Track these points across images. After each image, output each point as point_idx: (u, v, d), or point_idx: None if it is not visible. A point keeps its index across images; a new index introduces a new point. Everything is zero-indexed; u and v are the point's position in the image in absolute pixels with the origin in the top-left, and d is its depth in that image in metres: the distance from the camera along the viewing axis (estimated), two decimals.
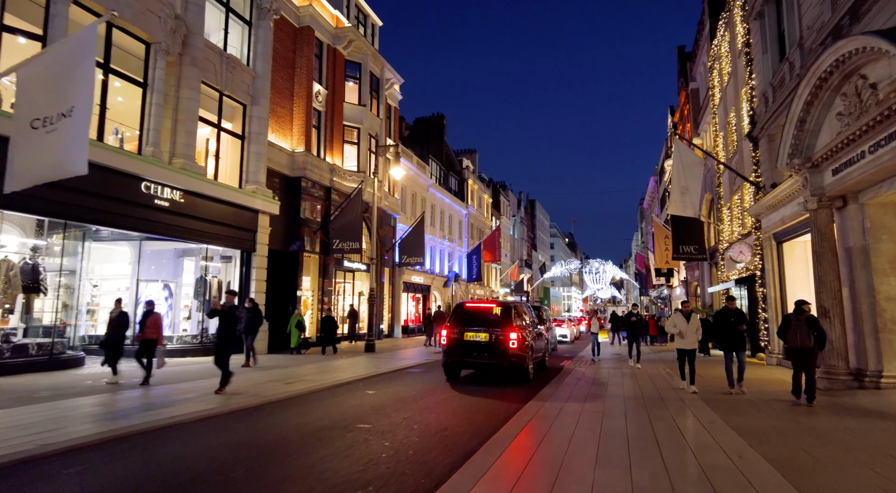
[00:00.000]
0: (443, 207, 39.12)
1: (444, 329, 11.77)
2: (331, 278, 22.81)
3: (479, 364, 11.54)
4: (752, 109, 16.38)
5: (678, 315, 10.49)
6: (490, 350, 11.14)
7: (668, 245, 32.38)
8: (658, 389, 10.50)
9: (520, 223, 78.12)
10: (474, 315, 11.94)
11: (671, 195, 17.15)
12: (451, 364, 11.81)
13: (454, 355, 11.53)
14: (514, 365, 11.25)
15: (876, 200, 9.79)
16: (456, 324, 11.70)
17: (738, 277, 18.89)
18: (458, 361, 11.65)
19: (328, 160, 23.01)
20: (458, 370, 12.22)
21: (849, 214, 10.23)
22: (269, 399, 8.87)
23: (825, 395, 9.59)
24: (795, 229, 13.45)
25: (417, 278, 32.79)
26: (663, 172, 54.17)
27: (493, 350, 11.11)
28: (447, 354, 11.65)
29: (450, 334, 11.49)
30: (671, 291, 49.68)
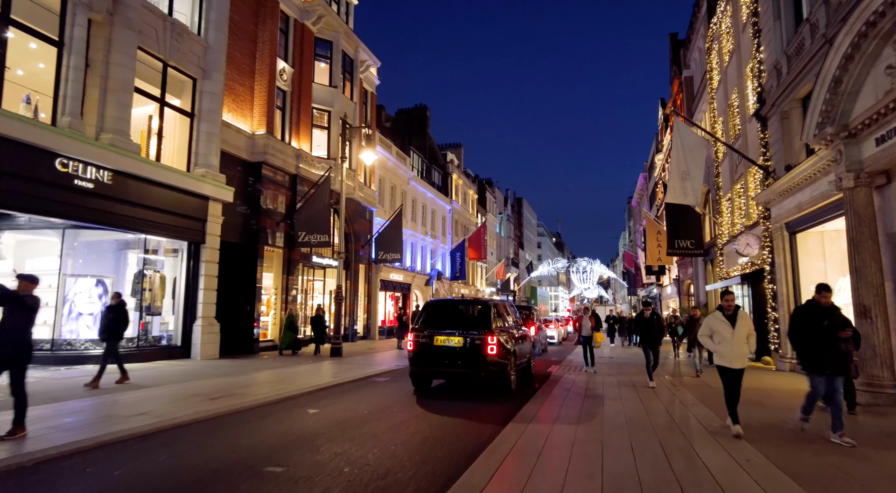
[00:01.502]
0: (425, 202, 37.22)
1: (410, 333, 10.05)
2: (296, 275, 20.78)
3: (452, 374, 9.81)
4: (760, 86, 14.71)
5: (716, 318, 6.75)
6: (465, 358, 9.40)
7: (660, 241, 30.82)
8: (665, 404, 8.72)
9: (507, 221, 76.46)
10: (447, 316, 10.20)
11: (669, 182, 15.44)
12: (418, 374, 10.01)
13: (422, 363, 9.77)
14: (493, 375, 9.56)
15: None
16: (425, 326, 9.94)
17: (742, 272, 17.23)
18: (426, 370, 9.88)
19: (294, 145, 20.99)
20: (428, 381, 10.37)
21: (893, 192, 8.53)
22: (170, 423, 6.89)
23: (870, 413, 7.86)
24: (815, 217, 11.76)
25: (396, 275, 30.85)
26: (653, 167, 52.81)
27: (469, 358, 9.38)
28: (414, 361, 9.88)
29: (417, 338, 9.75)
30: (661, 290, 48.27)
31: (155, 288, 15.03)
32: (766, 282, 14.68)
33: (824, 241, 13.08)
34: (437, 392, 10.31)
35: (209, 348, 15.53)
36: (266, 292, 20.01)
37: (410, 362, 9.93)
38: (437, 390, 10.63)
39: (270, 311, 20.06)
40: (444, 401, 9.33)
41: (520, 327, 12.00)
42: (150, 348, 14.52)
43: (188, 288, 15.51)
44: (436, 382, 11.25)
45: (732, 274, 19.05)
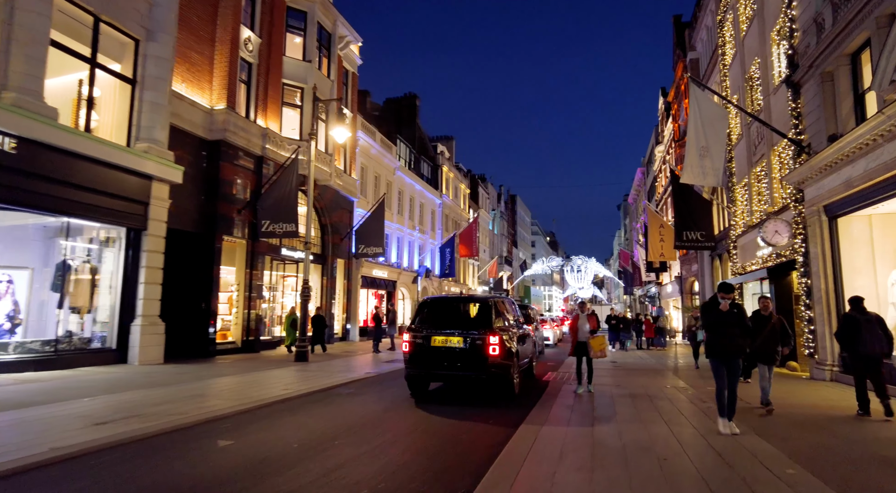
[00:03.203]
0: (412, 194, 35.03)
1: (406, 332, 9.44)
2: (262, 269, 18.55)
3: (452, 376, 9.11)
4: (792, 48, 12.65)
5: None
6: (465, 359, 8.77)
7: (663, 235, 28.85)
8: (688, 418, 6.63)
9: (500, 218, 74.41)
10: (445, 314, 9.57)
11: (686, 160, 13.37)
12: (415, 378, 9.28)
13: (419, 365, 9.05)
14: (495, 377, 8.87)
15: None
16: (422, 325, 9.30)
17: (765, 266, 15.18)
18: (424, 373, 9.13)
19: (260, 123, 18.76)
20: (426, 385, 9.66)
21: None
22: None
23: None
24: (870, 195, 9.71)
25: (380, 271, 28.65)
26: (652, 161, 50.89)
27: (469, 359, 8.75)
28: (410, 364, 9.17)
29: (413, 339, 9.13)
30: (661, 288, 46.35)
31: (83, 282, 12.79)
32: (799, 276, 12.62)
33: (872, 226, 11.05)
34: (423, 408, 8.16)
35: (150, 351, 13.30)
36: (227, 287, 17.81)
37: (406, 365, 9.23)
38: (421, 406, 8.49)
39: (232, 308, 17.84)
40: (424, 419, 7.19)
41: (521, 325, 11.16)
42: (75, 352, 12.27)
43: (126, 282, 13.28)
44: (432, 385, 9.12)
45: (750, 269, 17.02)
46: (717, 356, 6.51)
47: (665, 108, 39.01)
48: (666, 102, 38.67)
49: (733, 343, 6.37)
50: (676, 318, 36.47)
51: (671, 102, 35.79)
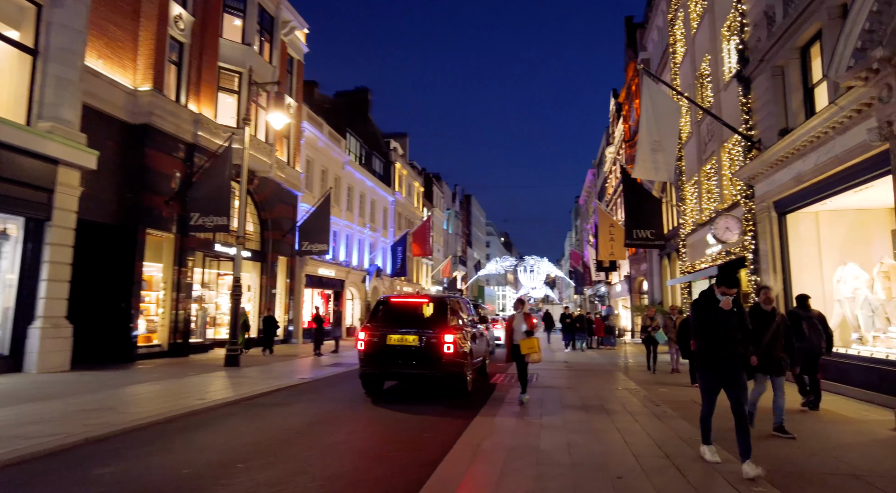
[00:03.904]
0: (363, 191, 33.86)
1: (362, 331, 9.49)
2: (191, 267, 17.10)
3: (407, 375, 9.30)
4: (743, 43, 12.50)
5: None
6: (420, 357, 8.92)
7: (613, 234, 28.87)
8: (643, 426, 6.06)
9: (454, 218, 73.99)
10: (400, 313, 9.72)
11: (638, 155, 13.04)
12: (370, 376, 9.43)
13: (374, 364, 9.17)
14: (449, 375, 9.07)
15: None
16: (377, 324, 9.40)
17: (714, 263, 15.08)
18: (379, 372, 9.27)
19: (192, 108, 17.30)
20: (380, 383, 9.83)
21: None
22: None
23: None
24: (822, 189, 9.51)
25: (327, 270, 27.39)
26: (603, 162, 51.58)
27: (424, 357, 8.90)
28: (365, 362, 9.27)
29: (369, 337, 9.22)
30: (610, 288, 46.99)
31: None
32: (749, 273, 12.47)
33: (819, 223, 10.95)
34: (357, 417, 7.26)
35: (53, 357, 11.79)
36: (156, 286, 16.30)
37: (361, 364, 9.33)
38: (339, 424, 7.58)
39: (158, 308, 16.33)
40: (364, 429, 6.30)
41: (475, 324, 11.35)
42: None
43: (24, 279, 11.71)
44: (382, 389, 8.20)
45: (700, 267, 16.98)
46: (710, 369, 4.98)
47: (616, 109, 39.45)
48: (617, 103, 39.10)
49: (734, 352, 4.86)
50: (625, 317, 36.88)
51: (622, 103, 36.15)
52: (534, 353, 8.32)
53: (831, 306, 10.63)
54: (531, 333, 8.50)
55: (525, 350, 8.34)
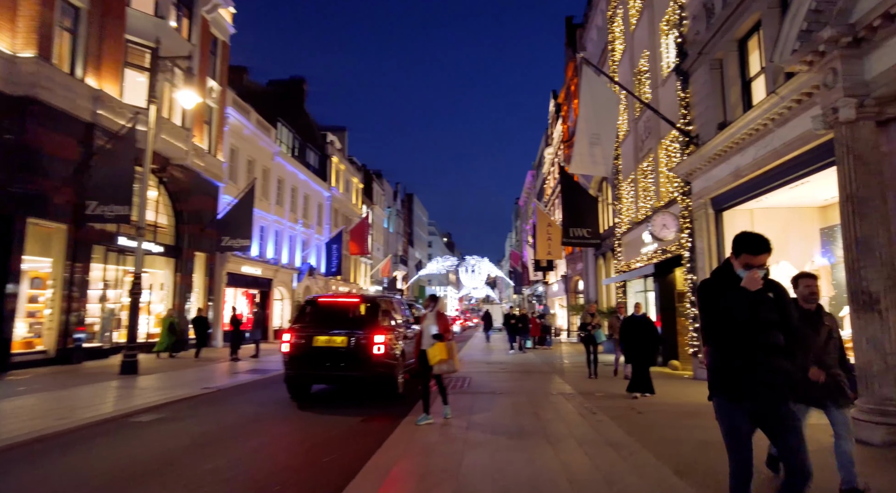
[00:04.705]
0: (295, 184, 32.08)
1: (287, 332, 9.04)
2: (87, 262, 15.14)
3: (335, 377, 9.02)
4: (682, 36, 12.26)
5: None
6: (349, 359, 8.58)
7: (550, 234, 28.79)
8: (577, 440, 5.35)
9: (396, 216, 72.75)
10: (329, 314, 9.40)
11: (576, 148, 12.56)
12: (296, 379, 9.06)
13: (301, 366, 8.83)
14: (379, 377, 8.82)
15: None
16: (304, 325, 9.04)
17: (651, 261, 14.88)
18: (305, 374, 8.98)
19: (91, 83, 15.32)
20: (307, 387, 9.51)
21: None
22: None
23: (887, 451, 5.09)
24: (760, 184, 9.26)
25: (252, 268, 25.56)
26: (542, 164, 51.98)
27: (353, 358, 8.57)
28: (291, 365, 8.85)
29: (295, 339, 8.82)
30: (547, 287, 47.36)
31: None
32: (685, 271, 12.23)
33: (754, 220, 10.79)
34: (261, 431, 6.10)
35: None
36: (40, 284, 14.25)
37: (286, 366, 8.91)
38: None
39: (45, 308, 14.29)
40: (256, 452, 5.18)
41: (410, 325, 11.06)
42: None
43: None
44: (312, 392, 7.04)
45: (635, 266, 16.82)
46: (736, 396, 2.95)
47: (556, 110, 39.67)
48: (557, 104, 39.31)
49: (773, 366, 2.91)
50: (562, 316, 37.10)
51: (561, 103, 36.33)
52: (443, 362, 6.76)
53: None
54: (442, 337, 6.94)
55: (433, 359, 6.79)
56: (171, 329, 17.00)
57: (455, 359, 6.99)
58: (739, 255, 3.01)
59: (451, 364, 6.88)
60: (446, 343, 6.86)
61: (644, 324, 9.30)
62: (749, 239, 3.00)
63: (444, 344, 6.83)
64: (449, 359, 6.82)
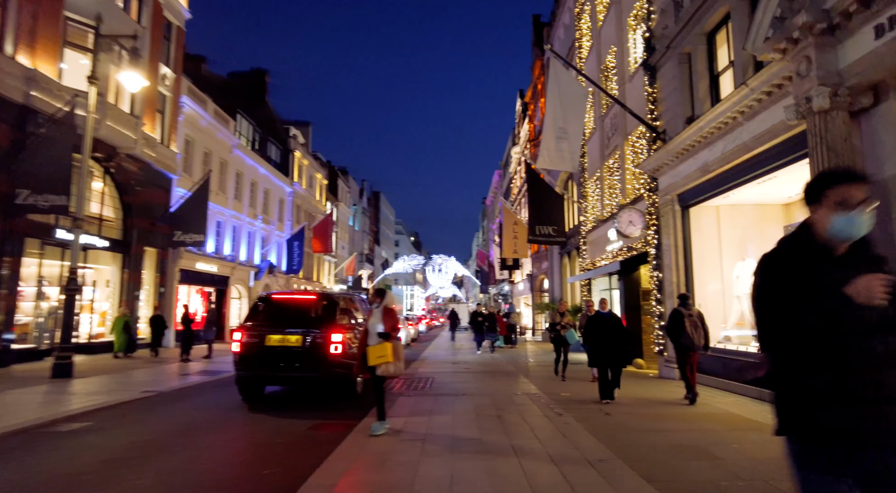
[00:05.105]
0: (255, 178, 30.95)
1: (238, 331, 8.63)
2: (18, 256, 13.98)
3: (290, 379, 8.71)
4: (650, 31, 12.10)
5: None
6: (304, 359, 8.20)
7: (517, 232, 28.66)
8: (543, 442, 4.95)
9: (361, 214, 71.66)
10: (284, 312, 8.96)
11: (543, 143, 12.28)
12: (247, 380, 8.61)
13: (252, 366, 8.40)
14: (337, 378, 8.44)
15: None
16: (257, 324, 8.62)
17: (616, 259, 14.73)
18: (258, 375, 8.54)
19: (23, 62, 14.16)
20: (260, 388, 8.99)
21: (883, 118, 5.72)
22: None
23: None
24: (724, 181, 9.11)
25: (207, 265, 24.43)
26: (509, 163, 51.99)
27: (309, 359, 8.19)
28: (242, 365, 8.43)
29: (246, 338, 8.43)
30: (513, 286, 47.37)
31: None
32: (651, 269, 12.08)
33: (720, 217, 10.69)
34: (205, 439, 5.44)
35: None
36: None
37: (237, 367, 8.47)
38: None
39: None
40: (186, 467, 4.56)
41: None
42: None
43: None
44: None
45: (600, 264, 16.69)
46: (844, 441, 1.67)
47: (522, 109, 39.63)
48: (524, 103, 39.27)
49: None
50: (527, 315, 37.08)
51: (528, 102, 36.27)
52: (387, 363, 6.02)
53: (730, 302, 10.41)
54: (388, 336, 6.14)
55: (374, 360, 6.04)
56: (126, 329, 16.19)
57: (402, 361, 6.37)
58: (824, 196, 1.82)
59: (397, 367, 6.18)
60: (392, 343, 6.13)
61: (611, 322, 8.60)
62: (837, 170, 1.98)
63: (389, 344, 6.09)
64: (397, 361, 6.15)
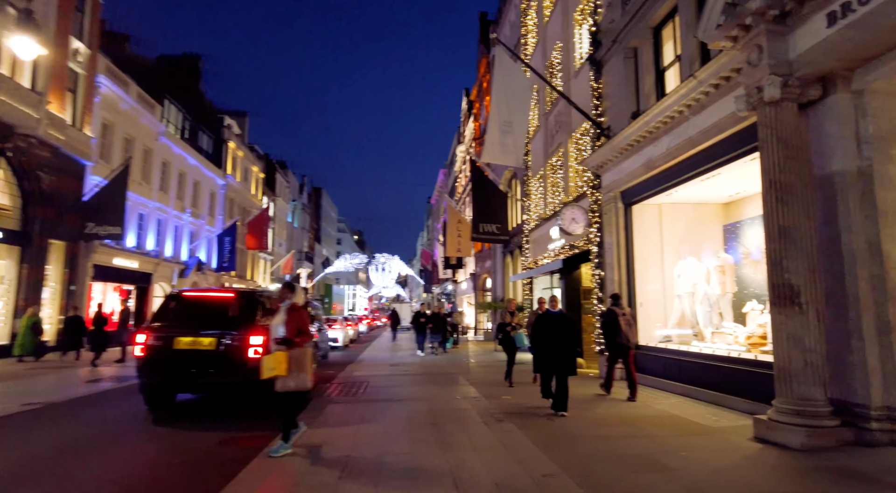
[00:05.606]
0: (184, 169, 28.93)
1: (142, 333, 7.65)
2: None
3: (203, 386, 7.92)
4: (596, 25, 11.91)
5: None
6: (220, 364, 7.37)
7: (461, 231, 28.27)
8: (480, 453, 4.42)
9: (301, 211, 69.38)
10: (197, 311, 8.07)
11: (487, 136, 11.83)
12: (154, 388, 7.78)
13: (161, 371, 7.53)
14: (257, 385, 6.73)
15: (894, 81, 5.21)
16: (166, 325, 7.78)
17: (558, 257, 14.52)
18: (165, 382, 7.66)
19: None
20: (169, 396, 8.13)
21: (831, 111, 5.57)
22: None
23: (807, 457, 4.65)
24: (672, 177, 8.94)
25: (127, 260, 22.48)
26: (454, 162, 51.73)
27: (225, 363, 7.36)
28: (146, 371, 7.55)
29: (153, 341, 7.55)
30: (457, 286, 47.13)
31: None
32: (593, 267, 11.88)
33: (662, 215, 10.60)
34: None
35: None
36: None
37: (140, 373, 7.61)
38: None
39: None
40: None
41: None
42: None
43: None
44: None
45: (542, 262, 16.49)
46: None
47: (468, 107, 39.40)
48: (469, 101, 39.05)
49: None
50: (469, 314, 36.87)
51: (473, 100, 36.05)
52: (278, 370, 5.08)
53: (671, 301, 10.34)
54: (290, 342, 5.21)
55: (267, 370, 5.14)
56: (35, 330, 14.79)
57: (308, 372, 5.27)
58: None
59: (298, 381, 5.15)
60: (289, 352, 5.15)
61: (561, 323, 7.58)
62: None
63: (283, 353, 5.13)
64: (299, 373, 5.14)
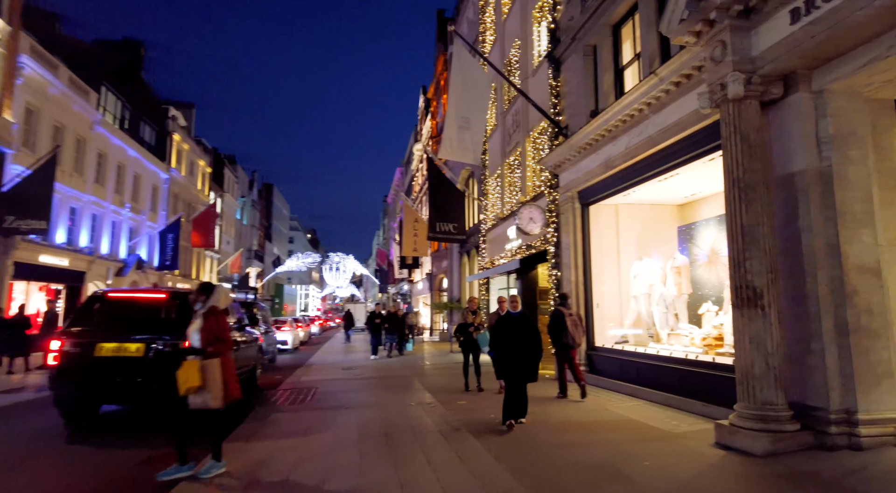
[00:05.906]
0: (123, 161, 27.18)
1: (56, 340, 6.76)
2: None
3: (129, 395, 6.96)
4: (555, 22, 11.77)
5: None
6: (149, 371, 6.57)
7: (417, 230, 27.86)
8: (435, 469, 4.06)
9: (251, 207, 67.06)
10: (124, 313, 7.32)
11: (445, 133, 11.52)
12: (71, 399, 6.99)
13: (79, 382, 6.71)
14: None
15: (853, 81, 5.17)
16: (86, 330, 6.96)
17: (515, 257, 14.35)
18: (84, 393, 6.85)
19: None
20: (90, 409, 7.39)
21: (792, 110, 5.50)
22: None
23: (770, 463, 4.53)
24: (630, 176, 8.84)
25: (55, 258, 20.83)
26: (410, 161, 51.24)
27: (155, 371, 6.51)
28: (61, 382, 6.74)
29: (70, 348, 6.72)
30: (412, 286, 46.66)
31: None
32: (550, 267, 11.74)
33: (619, 216, 10.55)
34: None
35: None
36: None
37: (54, 384, 6.80)
38: None
39: None
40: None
41: (243, 328, 9.69)
42: None
43: None
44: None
45: (499, 262, 16.31)
46: None
47: (425, 105, 39.03)
48: (426, 99, 38.68)
49: None
50: (425, 315, 36.49)
51: (431, 98, 35.71)
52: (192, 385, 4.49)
53: (627, 301, 10.29)
54: (203, 352, 4.64)
55: (182, 383, 4.52)
56: None
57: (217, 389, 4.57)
58: None
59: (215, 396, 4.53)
60: (205, 363, 4.56)
61: (522, 325, 6.92)
62: None
63: (195, 363, 4.54)
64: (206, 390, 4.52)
